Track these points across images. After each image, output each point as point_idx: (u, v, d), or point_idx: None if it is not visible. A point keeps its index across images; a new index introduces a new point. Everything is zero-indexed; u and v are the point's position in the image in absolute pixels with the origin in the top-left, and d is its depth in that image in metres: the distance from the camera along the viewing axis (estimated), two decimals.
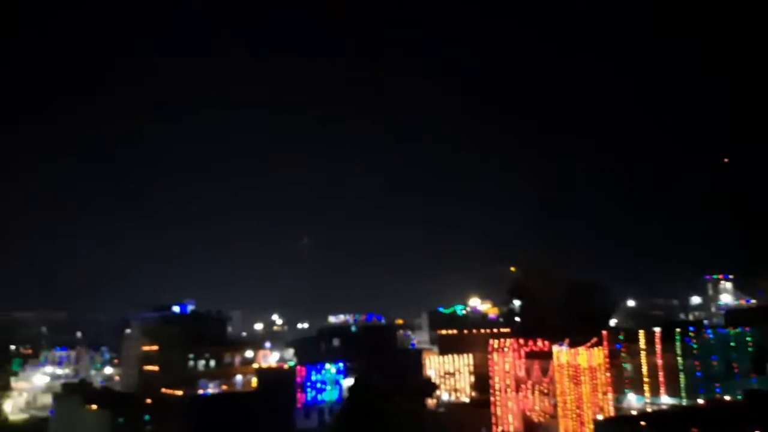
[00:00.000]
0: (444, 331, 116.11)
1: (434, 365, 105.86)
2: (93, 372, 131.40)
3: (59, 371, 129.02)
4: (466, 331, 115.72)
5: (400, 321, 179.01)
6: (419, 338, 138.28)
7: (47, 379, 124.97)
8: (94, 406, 77.89)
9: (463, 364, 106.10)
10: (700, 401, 74.76)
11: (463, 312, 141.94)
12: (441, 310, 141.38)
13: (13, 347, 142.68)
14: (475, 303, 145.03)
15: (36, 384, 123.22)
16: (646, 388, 79.37)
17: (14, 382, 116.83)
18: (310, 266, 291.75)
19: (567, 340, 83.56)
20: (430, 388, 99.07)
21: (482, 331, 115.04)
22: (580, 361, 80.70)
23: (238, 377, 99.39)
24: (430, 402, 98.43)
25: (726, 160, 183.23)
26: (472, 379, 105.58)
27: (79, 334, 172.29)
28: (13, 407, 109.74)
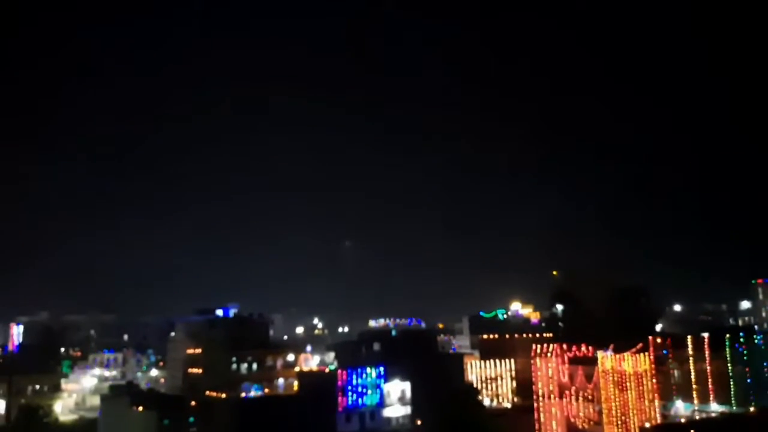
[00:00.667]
0: (485, 336, 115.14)
1: (475, 370, 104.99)
2: (139, 374, 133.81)
3: (107, 373, 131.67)
4: (507, 336, 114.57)
5: (440, 325, 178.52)
6: (460, 343, 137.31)
7: (95, 380, 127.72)
8: (141, 408, 79.31)
9: (504, 369, 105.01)
10: (751, 409, 72.51)
11: (505, 316, 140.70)
12: (482, 314, 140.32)
13: (63, 349, 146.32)
14: (517, 307, 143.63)
15: (85, 386, 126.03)
16: (694, 395, 77.39)
17: (64, 384, 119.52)
18: (350, 271, 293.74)
19: (612, 346, 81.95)
20: (472, 393, 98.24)
21: (524, 335, 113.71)
22: (625, 367, 79.05)
23: (280, 380, 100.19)
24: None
25: None
26: (514, 384, 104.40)
27: (126, 336, 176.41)
28: (63, 408, 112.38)
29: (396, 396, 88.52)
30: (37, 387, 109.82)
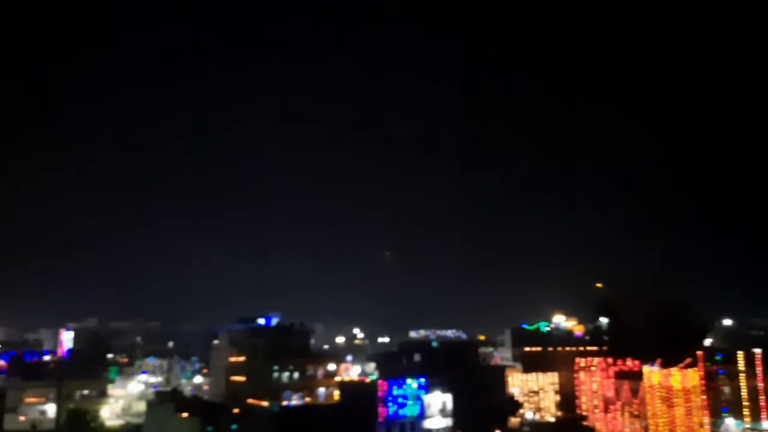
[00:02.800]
0: (528, 348, 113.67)
1: (517, 383, 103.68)
2: (183, 381, 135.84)
3: (152, 379, 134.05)
4: (550, 349, 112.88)
5: (482, 337, 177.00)
6: (502, 355, 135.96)
7: (141, 387, 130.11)
8: (185, 414, 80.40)
9: (547, 382, 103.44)
10: None
11: (547, 329, 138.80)
12: (524, 326, 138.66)
13: (110, 355, 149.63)
14: (560, 320, 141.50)
15: (131, 391, 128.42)
16: (745, 412, 75.01)
17: (111, 390, 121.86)
18: (391, 282, 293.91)
19: (659, 360, 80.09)
20: (514, 406, 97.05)
21: (567, 348, 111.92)
22: (673, 382, 77.14)
23: (321, 389, 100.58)
24: (513, 421, 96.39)
25: None
26: (557, 398, 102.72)
27: (170, 344, 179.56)
28: (111, 413, 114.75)
29: (437, 408, 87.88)
30: (85, 392, 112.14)
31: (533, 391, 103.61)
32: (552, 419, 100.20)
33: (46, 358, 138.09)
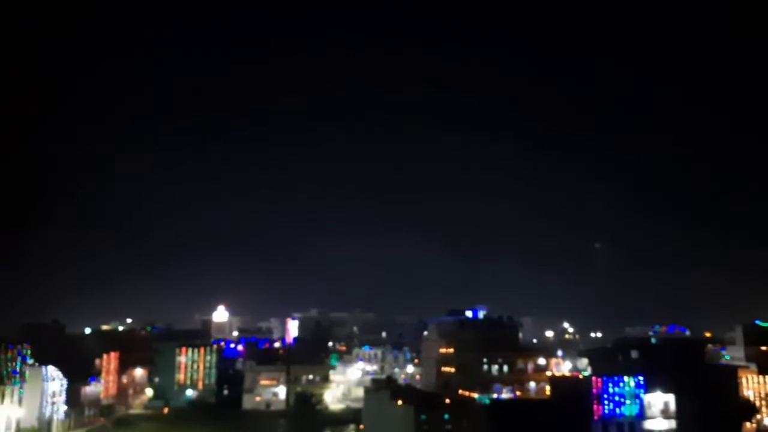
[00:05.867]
0: (765, 348, 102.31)
1: (752, 385, 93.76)
2: (396, 369, 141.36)
3: (368, 367, 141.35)
4: None
5: (707, 334, 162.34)
6: (732, 354, 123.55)
7: (359, 373, 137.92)
8: (400, 402, 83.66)
9: None
10: None
11: None
12: (759, 323, 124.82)
13: (330, 344, 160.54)
14: None
15: (350, 378, 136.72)
16: None
17: (332, 376, 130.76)
18: (602, 275, 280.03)
19: None
20: (749, 411, 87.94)
21: None
22: None
23: (531, 384, 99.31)
24: (749, 427, 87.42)
25: None
26: None
27: (384, 334, 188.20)
28: (332, 398, 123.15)
29: (658, 408, 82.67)
30: (311, 377, 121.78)
31: None
32: None
33: (276, 345, 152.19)
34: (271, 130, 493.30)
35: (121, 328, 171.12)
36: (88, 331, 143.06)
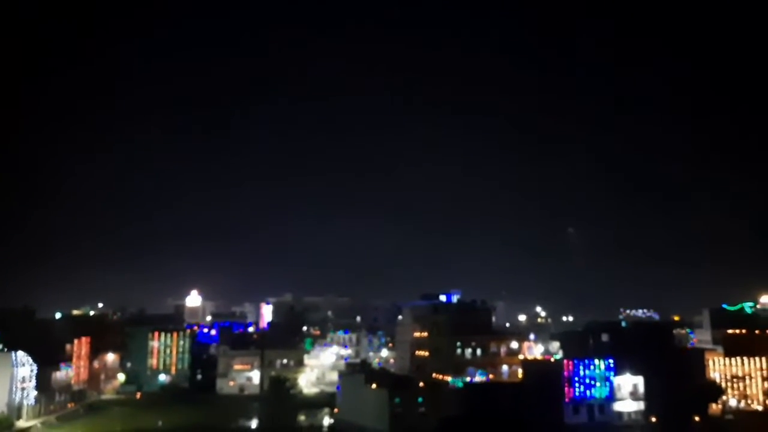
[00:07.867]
0: (731, 331, 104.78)
1: (718, 368, 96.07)
2: (371, 353, 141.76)
3: (342, 351, 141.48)
4: (758, 332, 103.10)
5: (676, 318, 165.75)
6: (699, 337, 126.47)
7: (333, 358, 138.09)
8: (374, 385, 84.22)
9: (754, 367, 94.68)
10: None
11: (752, 310, 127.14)
12: (725, 307, 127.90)
13: (305, 328, 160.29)
14: None
15: (324, 362, 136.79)
16: None
17: (307, 360, 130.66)
18: (575, 260, 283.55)
19: None
20: (715, 392, 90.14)
21: None
22: None
23: (504, 367, 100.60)
24: (715, 408, 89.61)
25: None
26: (766, 384, 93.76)
27: (358, 318, 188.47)
28: (306, 382, 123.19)
29: (627, 390, 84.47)
30: (285, 361, 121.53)
31: (737, 377, 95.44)
32: (760, 408, 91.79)
33: (250, 329, 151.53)
34: (244, 115, 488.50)
35: (92, 313, 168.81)
36: (58, 316, 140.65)
